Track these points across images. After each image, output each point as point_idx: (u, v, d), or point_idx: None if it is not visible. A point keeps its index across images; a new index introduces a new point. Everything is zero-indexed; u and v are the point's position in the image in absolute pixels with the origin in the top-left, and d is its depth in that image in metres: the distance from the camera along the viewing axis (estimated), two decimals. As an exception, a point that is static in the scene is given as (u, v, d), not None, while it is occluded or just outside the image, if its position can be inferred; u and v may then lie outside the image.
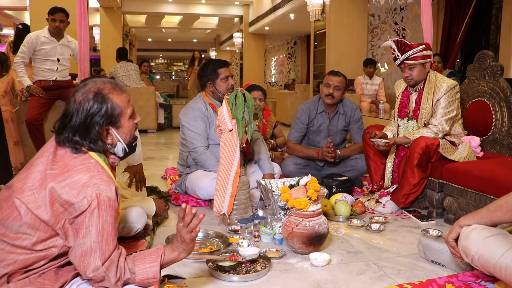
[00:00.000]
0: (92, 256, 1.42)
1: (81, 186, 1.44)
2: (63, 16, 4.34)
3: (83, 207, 1.42)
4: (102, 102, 1.57)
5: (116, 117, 1.60)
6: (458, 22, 6.55)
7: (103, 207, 1.44)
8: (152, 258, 1.51)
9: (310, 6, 7.59)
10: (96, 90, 1.58)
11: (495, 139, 3.12)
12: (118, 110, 1.60)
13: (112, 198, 1.47)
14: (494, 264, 1.57)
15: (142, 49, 22.04)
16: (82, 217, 1.43)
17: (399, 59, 3.01)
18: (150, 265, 1.50)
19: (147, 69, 8.99)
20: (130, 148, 1.71)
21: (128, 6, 11.85)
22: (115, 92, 1.62)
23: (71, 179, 1.45)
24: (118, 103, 1.60)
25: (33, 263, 1.48)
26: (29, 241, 1.46)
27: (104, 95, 1.58)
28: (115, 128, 1.62)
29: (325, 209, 2.80)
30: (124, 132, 1.65)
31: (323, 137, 3.61)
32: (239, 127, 2.58)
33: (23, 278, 1.48)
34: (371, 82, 6.75)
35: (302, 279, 1.99)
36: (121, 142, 1.65)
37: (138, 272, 1.48)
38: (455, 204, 2.73)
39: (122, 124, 1.63)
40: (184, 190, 3.24)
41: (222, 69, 3.14)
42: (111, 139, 1.63)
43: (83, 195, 1.43)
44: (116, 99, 1.60)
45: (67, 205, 1.44)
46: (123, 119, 1.63)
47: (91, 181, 1.45)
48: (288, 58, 14.79)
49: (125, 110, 1.63)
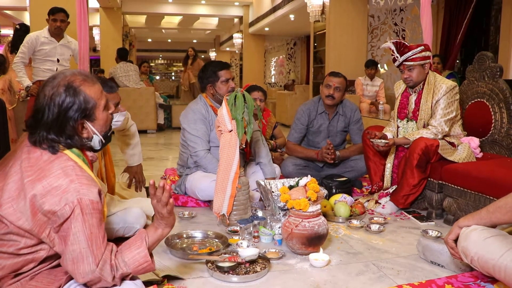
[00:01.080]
0: (85, 261, 1.40)
1: (61, 192, 1.40)
2: (63, 16, 4.34)
3: (66, 214, 1.39)
4: (74, 95, 1.49)
5: (90, 110, 1.53)
6: (458, 23, 6.55)
7: (87, 211, 1.41)
8: (137, 244, 1.50)
9: (310, 7, 7.59)
10: (66, 83, 1.50)
11: (494, 140, 3.12)
12: (91, 102, 1.53)
13: (94, 201, 1.43)
14: (493, 265, 1.57)
15: (142, 50, 22.05)
16: (67, 223, 1.40)
17: (398, 60, 3.01)
18: (138, 251, 1.49)
19: (147, 70, 8.99)
20: (106, 138, 1.65)
21: (128, 6, 11.85)
22: (87, 83, 1.53)
23: (50, 186, 1.40)
24: (91, 95, 1.53)
25: (21, 266, 1.46)
26: (15, 247, 1.44)
27: (76, 88, 1.50)
28: (90, 122, 1.56)
29: (324, 209, 2.80)
30: (99, 124, 1.58)
31: (322, 138, 3.61)
32: (238, 127, 2.58)
33: (14, 283, 1.46)
34: (371, 84, 6.76)
35: (302, 279, 1.99)
36: (97, 135, 1.59)
37: (129, 262, 1.47)
38: (454, 205, 2.73)
39: (97, 117, 1.56)
40: (184, 191, 3.24)
41: (223, 71, 3.12)
42: (87, 133, 1.57)
43: (64, 202, 1.39)
44: (88, 91, 1.52)
45: (49, 214, 1.40)
46: (98, 111, 1.56)
47: (71, 186, 1.41)
48: (288, 58, 14.79)
49: (98, 102, 1.55)
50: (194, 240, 2.44)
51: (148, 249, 1.52)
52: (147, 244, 1.51)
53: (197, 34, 19.00)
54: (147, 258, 1.49)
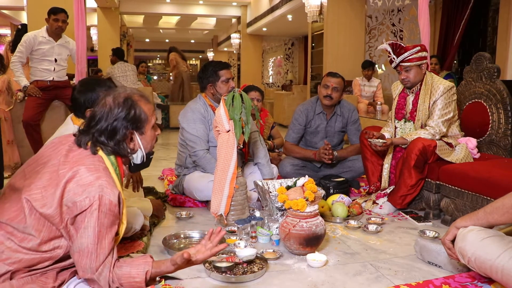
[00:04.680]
0: (88, 257, 1.46)
1: (87, 185, 1.48)
2: (65, 17, 4.34)
3: (84, 206, 1.46)
4: (131, 107, 1.64)
5: (142, 122, 1.67)
6: (455, 24, 6.57)
7: (103, 210, 1.47)
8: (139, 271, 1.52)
9: (308, 7, 7.60)
10: (126, 95, 1.66)
11: (491, 140, 3.13)
12: (144, 116, 1.67)
13: (113, 203, 1.50)
14: (490, 265, 1.58)
15: (139, 50, 22.03)
16: (82, 216, 1.46)
17: (395, 61, 3.01)
18: (136, 279, 1.51)
19: (145, 70, 8.98)
20: (147, 159, 1.77)
21: (125, 6, 11.84)
22: (143, 100, 1.70)
23: (79, 176, 1.49)
24: (145, 110, 1.68)
25: (38, 263, 1.51)
26: (33, 242, 1.49)
27: (134, 101, 1.65)
28: (139, 134, 1.69)
29: (322, 210, 2.80)
30: (146, 140, 1.71)
31: (320, 138, 3.61)
32: (236, 128, 2.58)
33: (26, 276, 1.50)
34: (369, 84, 6.77)
35: (299, 280, 1.99)
36: (142, 150, 1.72)
37: (124, 282, 1.51)
38: (451, 206, 2.74)
39: (146, 132, 1.70)
40: (181, 191, 3.24)
41: (223, 71, 3.12)
42: (133, 145, 1.70)
43: (86, 194, 1.46)
44: (143, 106, 1.68)
45: (70, 203, 1.47)
46: (148, 126, 1.70)
47: (97, 181, 1.49)
48: (286, 59, 14.80)
49: (150, 118, 1.70)
50: (192, 240, 2.44)
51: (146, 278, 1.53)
52: (148, 276, 1.53)
53: (195, 34, 19.00)
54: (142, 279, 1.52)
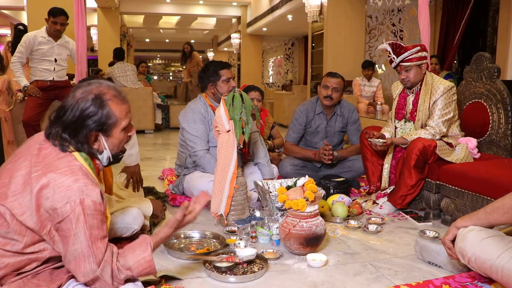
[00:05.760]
0: (86, 261, 1.43)
1: (65, 189, 1.41)
2: (64, 19, 4.33)
3: (66, 212, 1.40)
4: (99, 107, 1.53)
5: (109, 125, 1.56)
6: (455, 24, 6.57)
7: (88, 212, 1.42)
8: (142, 249, 1.54)
9: (308, 7, 7.60)
10: (98, 92, 1.54)
11: (492, 140, 3.13)
12: (112, 119, 1.56)
13: (97, 202, 1.45)
14: (490, 265, 1.58)
15: (139, 50, 22.03)
16: (67, 223, 1.41)
17: (395, 61, 3.01)
18: (143, 255, 1.53)
19: (145, 70, 8.97)
20: (115, 158, 1.67)
21: (125, 6, 11.84)
22: (116, 100, 1.58)
23: (55, 182, 1.42)
24: (115, 113, 1.57)
25: (24, 265, 1.48)
26: (17, 246, 1.45)
27: (104, 101, 1.54)
28: (105, 136, 1.59)
29: (322, 210, 2.80)
30: (113, 142, 1.61)
31: (320, 138, 3.61)
32: (236, 128, 2.58)
33: (17, 280, 1.47)
34: (369, 84, 6.77)
35: (299, 280, 1.99)
36: (107, 151, 1.61)
37: (133, 266, 1.50)
38: (452, 206, 2.74)
39: (113, 135, 1.59)
40: (181, 191, 3.24)
41: (224, 70, 3.13)
42: (98, 145, 1.60)
43: (66, 200, 1.41)
44: (114, 107, 1.56)
45: (51, 210, 1.41)
46: (116, 129, 1.59)
47: (75, 185, 1.43)
48: (286, 59, 14.81)
49: (120, 121, 1.59)
50: (192, 240, 2.44)
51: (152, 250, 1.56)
52: (152, 249, 1.55)
53: (195, 34, 19.01)
54: (151, 263, 1.54)
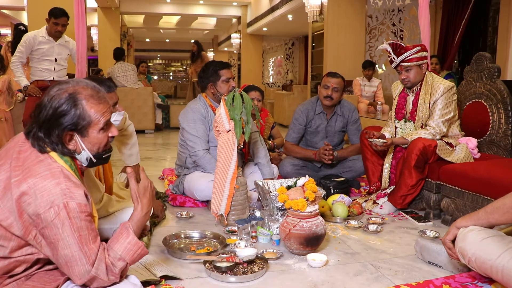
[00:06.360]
0: (79, 263, 1.41)
1: (47, 194, 1.38)
2: (65, 21, 4.33)
3: (50, 217, 1.37)
4: (72, 106, 1.47)
5: (83, 126, 1.51)
6: (456, 24, 6.57)
7: (74, 215, 1.40)
8: (124, 235, 1.53)
9: (308, 7, 7.60)
10: (72, 91, 1.49)
11: (492, 140, 3.13)
12: (86, 120, 1.50)
13: (82, 203, 1.42)
14: (491, 265, 1.57)
15: (140, 50, 22.03)
16: (53, 229, 1.38)
17: (395, 61, 3.01)
18: (127, 240, 1.52)
19: (145, 70, 8.97)
20: (100, 159, 1.61)
21: (126, 6, 11.84)
22: (92, 100, 1.51)
23: (36, 187, 1.38)
24: (89, 113, 1.50)
25: (13, 268, 1.46)
26: (4, 251, 1.43)
27: (77, 100, 1.49)
28: (81, 136, 1.53)
29: (322, 210, 2.80)
30: (90, 142, 1.55)
31: (320, 138, 3.61)
32: (236, 128, 2.58)
33: (10, 283, 1.46)
34: (369, 84, 6.77)
35: (299, 280, 1.99)
36: (86, 151, 1.55)
37: (123, 254, 1.50)
38: (452, 205, 2.74)
39: (89, 134, 1.53)
40: (182, 191, 3.24)
41: (224, 70, 3.13)
42: (74, 145, 1.54)
43: (49, 205, 1.37)
44: (89, 107, 1.50)
45: (34, 216, 1.38)
46: (92, 130, 1.53)
47: (57, 188, 1.39)
48: (286, 59, 14.81)
49: (95, 121, 1.52)
50: (192, 240, 2.44)
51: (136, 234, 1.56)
52: (133, 231, 1.55)
53: (195, 34, 18.99)
54: (139, 243, 1.54)
